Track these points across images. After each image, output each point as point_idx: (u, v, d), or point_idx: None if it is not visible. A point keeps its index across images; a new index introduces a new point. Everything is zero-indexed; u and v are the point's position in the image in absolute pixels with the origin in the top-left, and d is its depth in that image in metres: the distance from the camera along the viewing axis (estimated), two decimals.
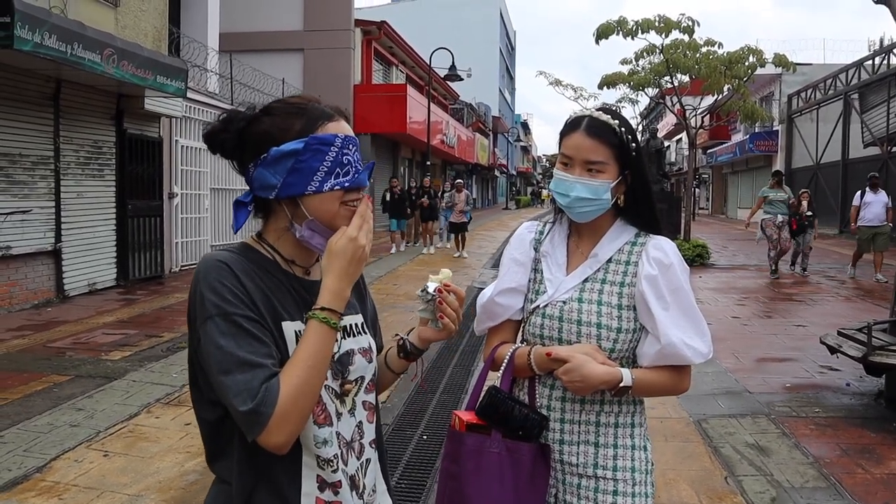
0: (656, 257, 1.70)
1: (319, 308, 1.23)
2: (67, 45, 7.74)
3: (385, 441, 1.54)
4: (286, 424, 1.16)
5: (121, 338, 7.41)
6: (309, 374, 1.19)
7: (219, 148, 1.33)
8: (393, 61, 28.64)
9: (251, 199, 1.34)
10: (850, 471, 4.06)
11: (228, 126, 1.31)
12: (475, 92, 46.90)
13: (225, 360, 1.17)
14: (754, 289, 11.43)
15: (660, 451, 4.35)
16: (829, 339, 5.54)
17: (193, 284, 1.24)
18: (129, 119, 11.06)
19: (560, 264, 1.79)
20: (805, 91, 27.98)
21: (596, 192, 1.68)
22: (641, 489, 1.73)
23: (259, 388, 1.15)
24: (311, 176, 1.27)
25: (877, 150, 20.30)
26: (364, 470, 1.40)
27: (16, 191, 8.94)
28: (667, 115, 44.34)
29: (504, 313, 1.83)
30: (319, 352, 1.21)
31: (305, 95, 1.37)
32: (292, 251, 1.36)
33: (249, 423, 1.15)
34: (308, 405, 1.20)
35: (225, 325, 1.18)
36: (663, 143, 19.70)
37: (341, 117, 1.35)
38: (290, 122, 1.30)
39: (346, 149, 1.30)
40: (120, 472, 4.01)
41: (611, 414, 1.73)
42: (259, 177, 1.30)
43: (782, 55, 15.15)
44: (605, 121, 1.70)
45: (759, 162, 33.19)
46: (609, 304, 1.69)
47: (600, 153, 1.68)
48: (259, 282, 1.26)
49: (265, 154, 1.28)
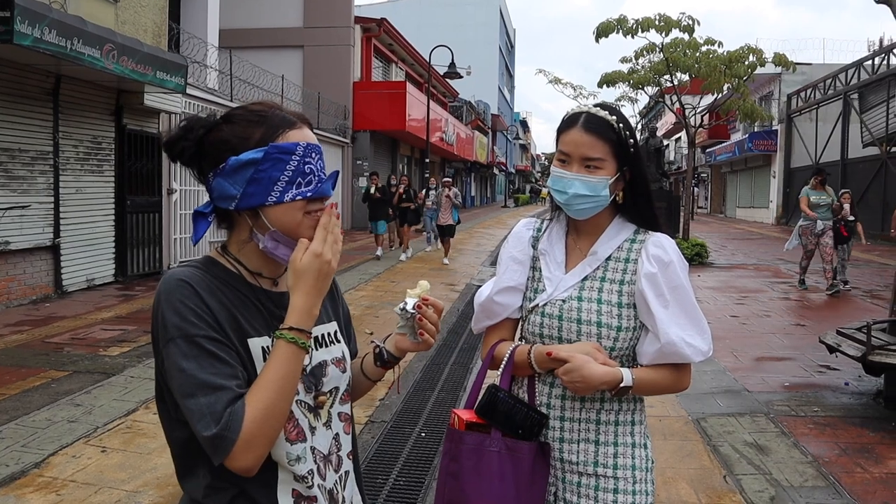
0: (656, 255, 1.69)
1: (287, 328, 1.19)
2: (67, 41, 7.72)
3: (383, 438, 1.52)
4: (252, 448, 1.13)
5: (119, 334, 7.40)
6: (276, 396, 1.15)
7: (178, 156, 1.28)
8: (392, 59, 28.62)
9: (212, 210, 1.30)
10: (849, 470, 4.06)
11: (188, 134, 1.27)
12: (474, 90, 46.91)
13: (187, 383, 1.13)
14: (753, 288, 11.43)
15: (659, 450, 4.34)
16: (829, 339, 5.54)
17: (155, 305, 1.20)
18: (128, 115, 11.04)
19: (559, 262, 1.78)
20: (804, 91, 28.00)
21: (594, 188, 1.67)
22: (642, 487, 1.72)
23: (223, 413, 1.11)
24: (272, 186, 1.23)
25: (876, 150, 20.31)
26: (343, 483, 1.37)
27: (15, 186, 8.92)
28: (666, 114, 44.34)
29: (503, 312, 1.81)
30: (287, 373, 1.17)
31: (267, 102, 1.32)
32: (258, 263, 1.31)
33: (214, 447, 1.12)
34: (275, 428, 1.17)
35: (187, 347, 1.15)
36: (662, 141, 19.70)
37: (304, 124, 1.30)
38: (249, 131, 1.25)
39: (308, 157, 1.26)
40: (118, 468, 4.00)
41: (611, 412, 1.72)
42: (218, 187, 1.25)
43: (782, 55, 15.14)
44: (603, 117, 1.68)
45: (758, 161, 33.20)
46: (609, 302, 1.69)
47: (598, 149, 1.67)
48: (223, 298, 1.22)
49: (223, 163, 1.24)
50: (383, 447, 4.34)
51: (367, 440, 4.41)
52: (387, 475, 3.94)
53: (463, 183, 49.02)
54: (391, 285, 11.32)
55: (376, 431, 4.58)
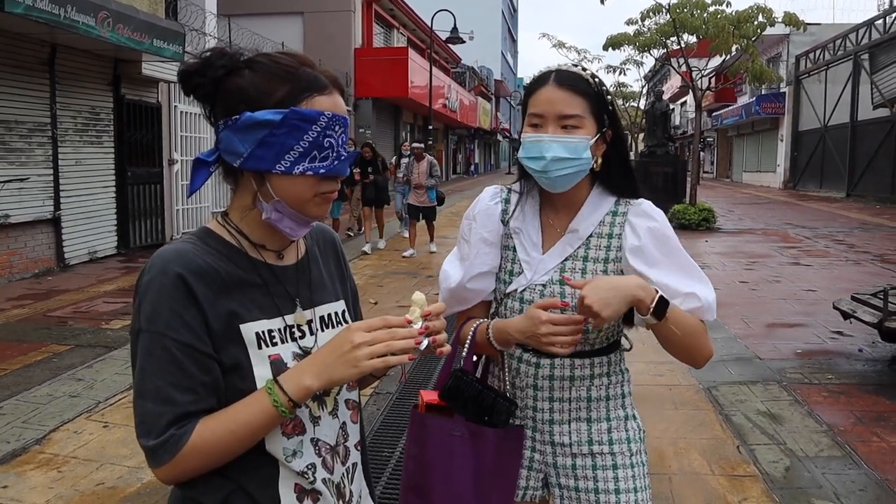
0: (642, 225, 1.57)
1: (278, 385, 1.07)
2: (60, 8, 7.54)
3: (389, 410, 1.41)
4: (177, 472, 1.07)
5: (122, 307, 7.33)
6: (228, 441, 1.06)
7: (192, 91, 1.15)
8: (394, 24, 28.21)
9: (215, 159, 1.17)
10: (865, 439, 3.97)
11: (206, 70, 1.12)
12: (477, 55, 46.35)
13: (142, 383, 1.06)
14: (762, 253, 11.30)
15: (670, 420, 4.27)
16: (843, 305, 5.43)
17: (137, 286, 1.10)
18: (126, 84, 10.86)
19: (535, 243, 1.63)
20: (813, 52, 27.53)
21: (575, 149, 1.51)
22: (638, 458, 1.66)
23: (164, 429, 1.04)
24: (283, 154, 1.10)
25: (886, 111, 20.00)
26: (351, 476, 1.27)
27: (13, 158, 8.79)
28: (671, 78, 43.77)
29: (476, 298, 1.69)
30: (252, 427, 1.07)
31: (300, 56, 1.16)
32: (261, 234, 1.19)
33: (146, 455, 1.07)
34: (211, 465, 1.08)
35: (152, 346, 1.05)
36: (668, 105, 19.44)
37: (335, 90, 1.15)
38: (272, 86, 1.11)
39: (330, 129, 1.12)
40: (120, 443, 3.94)
41: (601, 387, 1.64)
42: (226, 139, 1.12)
43: (792, 14, 14.83)
44: (576, 71, 1.55)
45: (766, 125, 32.79)
46: None
47: (575, 105, 1.51)
48: (213, 280, 1.10)
49: (237, 116, 1.11)
50: (389, 419, 4.27)
51: (373, 412, 4.34)
52: (393, 447, 3.88)
53: (466, 150, 48.75)
54: (395, 254, 11.22)
55: (382, 403, 4.51)
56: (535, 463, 1.68)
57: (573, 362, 1.60)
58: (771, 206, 21.18)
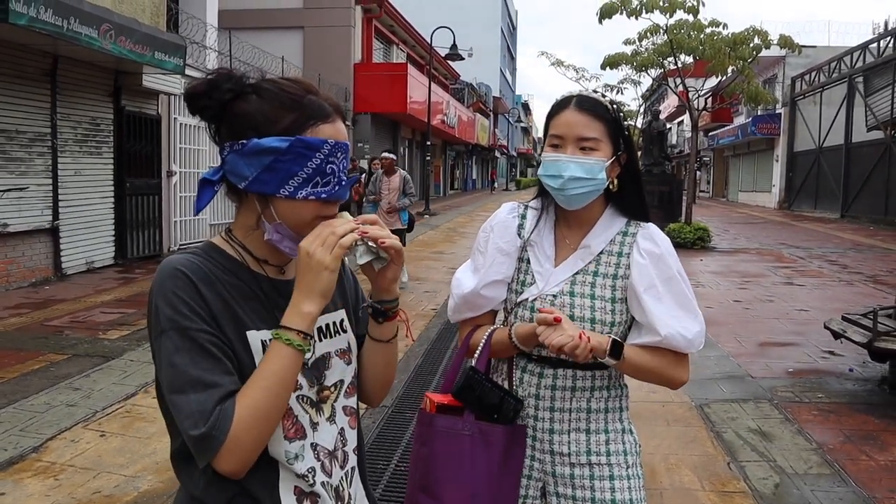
0: (647, 248, 1.66)
1: (284, 327, 1.13)
2: (64, 20, 7.62)
3: (385, 422, 1.46)
4: (238, 451, 1.08)
5: (119, 317, 7.36)
6: (266, 397, 1.10)
7: (198, 112, 1.21)
8: (394, 40, 28.40)
9: (220, 178, 1.21)
10: (854, 457, 4.02)
11: (213, 93, 1.18)
12: (476, 72, 46.59)
13: (178, 379, 1.08)
14: (756, 272, 11.37)
15: (662, 436, 4.32)
16: (834, 325, 5.49)
17: (150, 294, 1.14)
18: (127, 96, 10.94)
19: (548, 255, 1.72)
20: (809, 74, 27.79)
21: (591, 170, 1.61)
22: (634, 471, 1.72)
23: (213, 410, 1.07)
24: (287, 179, 1.15)
25: (880, 134, 20.19)
26: (349, 479, 1.32)
27: (13, 168, 8.84)
28: (668, 98, 44.04)
29: (487, 305, 1.77)
30: (280, 375, 1.11)
31: (305, 83, 1.22)
32: (264, 250, 1.24)
33: (201, 447, 1.07)
34: (265, 431, 1.11)
35: (180, 341, 1.09)
36: (665, 124, 19.58)
37: (338, 117, 1.22)
38: (279, 114, 1.16)
39: (332, 157, 1.18)
40: (117, 452, 3.97)
41: (601, 399, 1.71)
42: (232, 162, 1.17)
43: (787, 36, 14.97)
44: (596, 97, 1.66)
45: (761, 145, 33.01)
46: (602, 297, 1.66)
47: (594, 129, 1.62)
48: (221, 289, 1.16)
49: (243, 141, 1.16)
50: (385, 431, 4.31)
51: (368, 424, 4.38)
52: (388, 460, 3.91)
53: (464, 166, 48.88)
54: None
55: (377, 416, 4.54)
56: (535, 472, 1.73)
57: (575, 373, 1.67)
58: (766, 226, 21.30)
